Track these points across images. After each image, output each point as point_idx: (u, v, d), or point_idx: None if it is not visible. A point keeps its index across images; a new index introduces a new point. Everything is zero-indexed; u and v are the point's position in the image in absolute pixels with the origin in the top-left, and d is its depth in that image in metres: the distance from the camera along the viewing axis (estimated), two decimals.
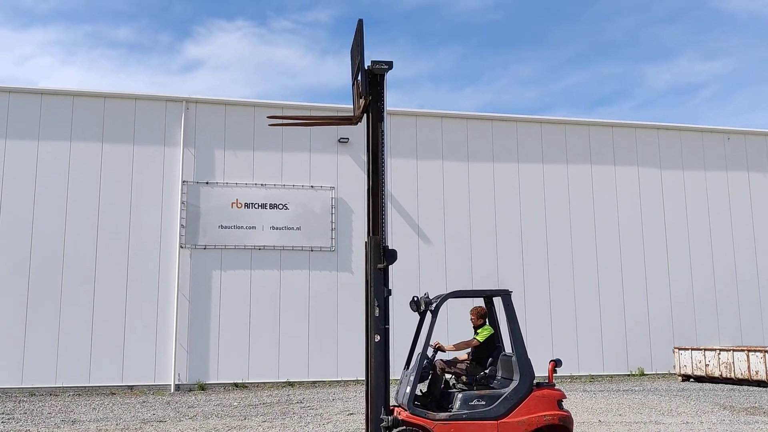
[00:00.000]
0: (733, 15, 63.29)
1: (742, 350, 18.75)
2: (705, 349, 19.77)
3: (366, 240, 8.44)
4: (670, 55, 65.78)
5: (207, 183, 20.09)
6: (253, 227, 20.12)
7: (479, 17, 67.23)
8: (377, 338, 7.98)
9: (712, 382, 19.48)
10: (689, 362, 20.11)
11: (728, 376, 18.93)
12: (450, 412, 8.27)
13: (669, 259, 22.67)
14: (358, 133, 21.00)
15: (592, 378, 21.18)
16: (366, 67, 8.39)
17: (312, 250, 20.40)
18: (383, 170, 8.40)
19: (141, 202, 19.67)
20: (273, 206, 20.32)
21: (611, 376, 21.41)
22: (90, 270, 19.05)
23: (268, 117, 9.63)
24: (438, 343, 9.04)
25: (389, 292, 8.18)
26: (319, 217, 20.53)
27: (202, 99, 20.59)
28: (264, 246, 20.15)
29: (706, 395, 16.47)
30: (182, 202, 19.80)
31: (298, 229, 20.38)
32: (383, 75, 8.45)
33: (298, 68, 66.74)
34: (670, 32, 65.39)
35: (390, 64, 8.41)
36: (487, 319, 9.39)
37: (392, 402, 8.47)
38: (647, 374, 21.70)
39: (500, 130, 22.39)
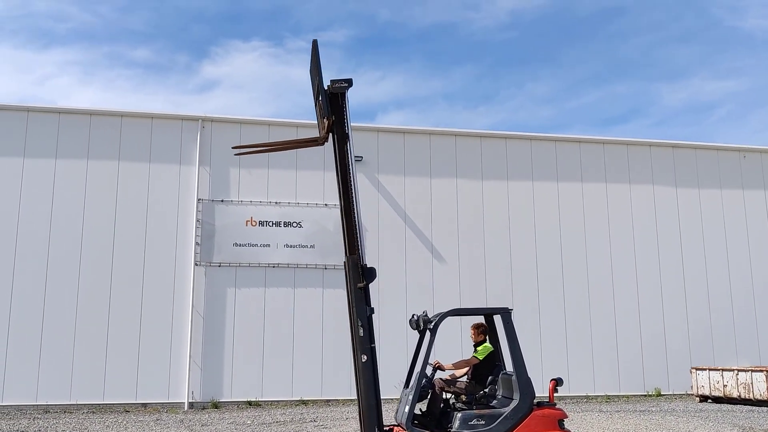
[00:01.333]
0: (750, 34, 63.01)
1: (761, 371, 18.43)
2: (723, 370, 19.47)
3: (344, 260, 8.39)
4: (685, 74, 65.55)
5: (222, 201, 20.24)
6: (267, 245, 20.20)
7: (493, 36, 67.45)
8: (364, 358, 7.94)
9: (731, 403, 19.17)
10: (707, 383, 19.83)
11: (747, 397, 18.61)
12: (449, 431, 8.22)
13: (685, 278, 22.43)
14: (372, 150, 21.09)
15: (608, 398, 20.93)
16: (325, 88, 8.28)
17: (326, 268, 20.44)
18: (354, 189, 8.36)
19: (156, 219, 19.84)
20: (287, 224, 20.41)
21: (627, 397, 21.15)
22: (105, 287, 19.21)
23: (233, 147, 9.57)
24: (437, 363, 9.00)
25: (372, 311, 8.16)
26: (332, 235, 20.55)
27: (217, 117, 20.78)
28: (278, 264, 20.21)
29: (725, 416, 16.21)
30: (197, 220, 19.95)
31: (312, 247, 20.43)
32: (344, 93, 8.32)
33: None
34: (685, 52, 65.18)
35: (349, 82, 8.27)
36: (487, 337, 9.32)
37: (391, 421, 8.43)
38: (664, 395, 21.42)
39: (514, 148, 22.36)
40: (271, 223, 20.35)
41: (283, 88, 67.53)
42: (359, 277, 8.18)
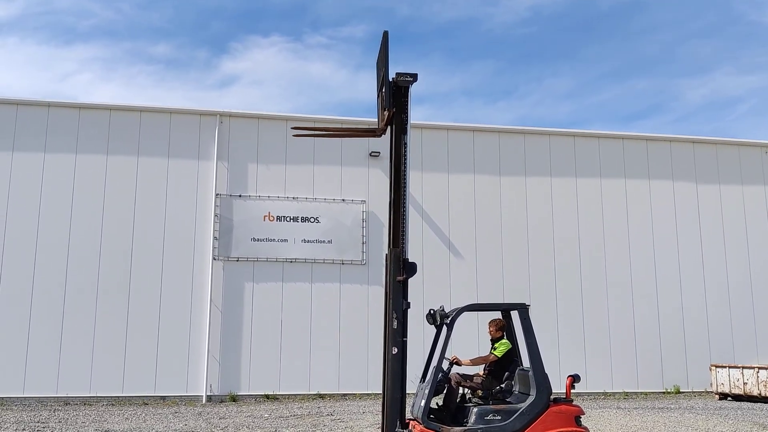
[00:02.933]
0: None
1: None
2: (743, 367, 19.30)
3: (387, 252, 8.40)
4: (706, 70, 64.86)
5: (240, 196, 20.32)
6: (285, 240, 20.27)
7: (513, 32, 67.14)
8: (394, 351, 7.93)
9: (751, 401, 19.00)
10: (727, 380, 19.66)
11: (767, 395, 18.46)
12: (465, 426, 8.17)
13: (705, 274, 22.24)
14: (389, 145, 21.07)
15: (627, 395, 20.82)
16: (390, 80, 8.32)
17: (343, 264, 20.47)
18: (405, 182, 8.33)
19: (175, 214, 19.96)
20: (304, 219, 20.46)
21: (646, 394, 21.02)
22: (124, 281, 19.37)
23: (292, 128, 9.64)
24: (455, 357, 8.97)
25: (408, 305, 8.13)
26: (350, 230, 20.60)
27: (235, 113, 20.86)
28: (295, 259, 20.28)
29: (745, 414, 16.07)
30: (215, 215, 20.04)
31: (330, 242, 20.47)
32: (407, 87, 8.36)
33: (333, 83, 67.24)
34: (707, 47, 64.48)
35: (414, 77, 8.30)
36: (505, 333, 9.30)
37: (408, 415, 8.42)
38: (683, 392, 21.26)
39: (533, 143, 22.27)
40: (288, 218, 20.41)
41: (302, 84, 67.64)
42: (399, 270, 8.16)
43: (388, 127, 8.54)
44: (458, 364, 8.96)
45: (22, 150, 19.55)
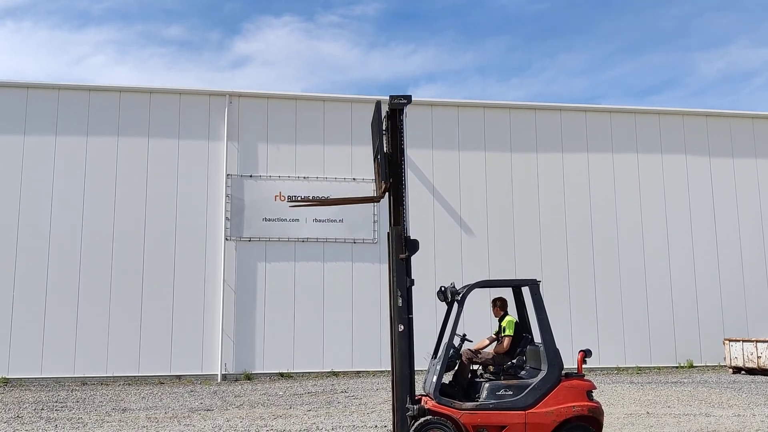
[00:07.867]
0: None
1: None
2: (757, 341, 19.27)
3: (388, 231, 8.44)
4: (722, 43, 64.07)
5: (251, 176, 20.33)
6: (297, 220, 20.27)
7: (526, 7, 66.46)
8: (401, 328, 8.01)
9: (764, 375, 19.00)
10: (740, 354, 19.63)
11: None
12: (477, 401, 8.24)
13: (718, 248, 22.13)
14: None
15: (640, 370, 20.83)
16: (385, 151, 8.48)
17: (354, 242, 20.50)
18: (403, 160, 8.41)
19: (187, 195, 20.01)
20: (315, 199, 20.44)
21: (659, 368, 21.02)
22: (138, 263, 19.48)
23: (288, 201, 9.77)
24: (469, 354, 9.01)
25: (412, 282, 8.20)
26: (360, 209, 20.57)
27: (245, 93, 20.81)
28: (307, 238, 20.32)
29: (758, 388, 16.07)
30: (227, 195, 20.08)
31: (341, 221, 20.48)
32: (402, 109, 8.48)
33: (346, 62, 66.90)
34: (723, 20, 63.63)
35: (408, 99, 8.42)
36: (507, 308, 9.35)
37: (420, 391, 8.48)
38: (696, 366, 21.26)
39: (544, 119, 22.12)
40: (299, 198, 20.40)
41: (315, 64, 67.37)
42: (402, 248, 8.22)
43: (386, 194, 8.57)
44: (479, 353, 9.01)
45: (34, 133, 19.62)
